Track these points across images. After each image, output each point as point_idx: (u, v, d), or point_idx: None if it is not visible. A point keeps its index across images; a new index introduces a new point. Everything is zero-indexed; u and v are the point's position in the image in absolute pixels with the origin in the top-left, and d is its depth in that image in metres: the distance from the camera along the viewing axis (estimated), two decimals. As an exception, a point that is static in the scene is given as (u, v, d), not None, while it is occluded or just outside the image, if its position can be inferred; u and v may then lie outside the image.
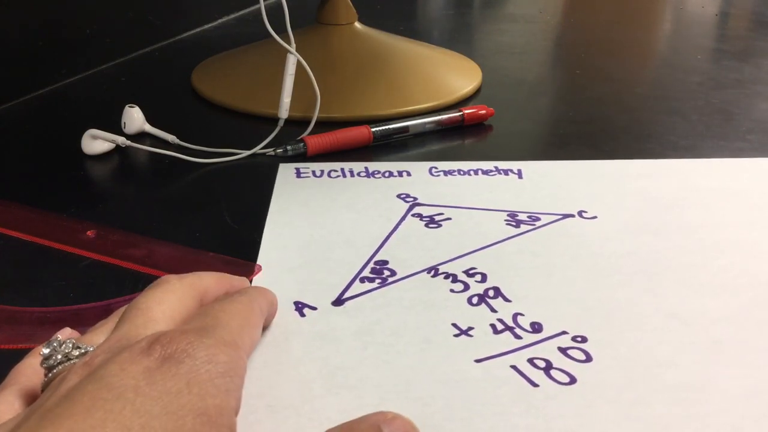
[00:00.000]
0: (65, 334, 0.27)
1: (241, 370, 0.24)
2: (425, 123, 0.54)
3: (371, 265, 0.36)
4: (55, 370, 0.24)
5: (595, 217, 0.41)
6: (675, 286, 0.35)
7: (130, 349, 0.22)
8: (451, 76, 0.64)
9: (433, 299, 0.34)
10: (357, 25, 0.63)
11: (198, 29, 0.82)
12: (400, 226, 0.40)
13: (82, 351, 0.24)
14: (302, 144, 0.49)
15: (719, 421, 0.27)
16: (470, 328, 0.32)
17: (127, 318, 0.25)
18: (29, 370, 0.25)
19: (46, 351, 0.24)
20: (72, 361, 0.24)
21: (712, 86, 0.67)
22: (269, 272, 0.35)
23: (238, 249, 0.38)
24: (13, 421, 0.21)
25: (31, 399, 0.24)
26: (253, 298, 0.28)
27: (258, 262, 0.36)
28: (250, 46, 0.67)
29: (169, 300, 0.26)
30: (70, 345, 0.24)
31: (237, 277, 0.32)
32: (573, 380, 0.29)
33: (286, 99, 0.52)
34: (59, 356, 0.24)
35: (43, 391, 0.24)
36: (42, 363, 0.24)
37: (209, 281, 0.29)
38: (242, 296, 0.28)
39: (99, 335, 0.26)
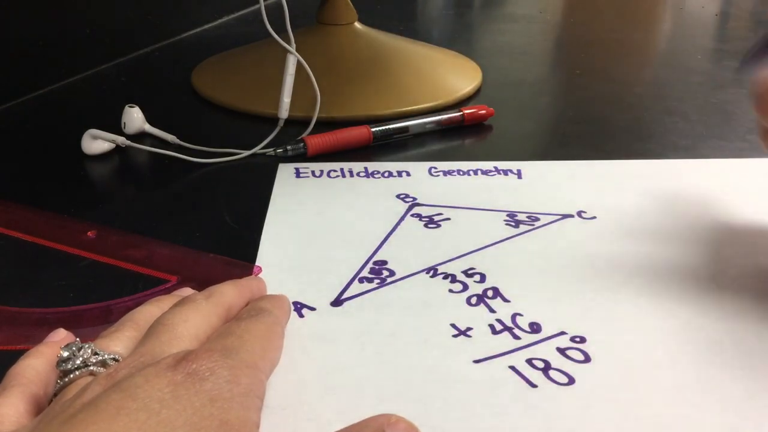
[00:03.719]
0: (59, 335, 0.27)
1: (261, 392, 0.24)
2: (425, 123, 0.54)
3: (370, 265, 0.37)
4: (72, 375, 0.24)
5: (594, 218, 0.41)
6: (674, 286, 0.35)
7: (156, 365, 0.22)
8: (451, 76, 0.64)
9: (431, 299, 0.34)
10: (357, 25, 0.63)
11: (198, 29, 0.82)
12: (399, 227, 0.40)
13: (101, 358, 0.24)
14: (302, 144, 0.49)
15: (718, 421, 0.27)
16: (469, 329, 0.32)
17: (152, 334, 0.25)
18: (30, 372, 0.25)
19: (64, 354, 0.24)
20: (89, 368, 0.24)
21: (712, 86, 0.67)
22: (268, 272, 0.36)
23: (238, 249, 0.38)
24: (27, 428, 0.22)
25: (34, 402, 0.24)
26: (276, 318, 0.29)
27: (257, 263, 0.36)
28: (250, 46, 0.67)
29: (194, 318, 0.26)
30: (89, 351, 0.24)
31: (255, 280, 0.33)
32: (572, 381, 0.29)
33: (286, 99, 0.52)
34: (78, 361, 0.24)
35: (56, 395, 0.24)
36: (58, 365, 0.24)
37: (232, 296, 0.29)
38: (267, 316, 0.28)
39: (115, 342, 0.26)
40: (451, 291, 0.35)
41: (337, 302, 0.34)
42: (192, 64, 0.67)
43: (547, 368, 0.29)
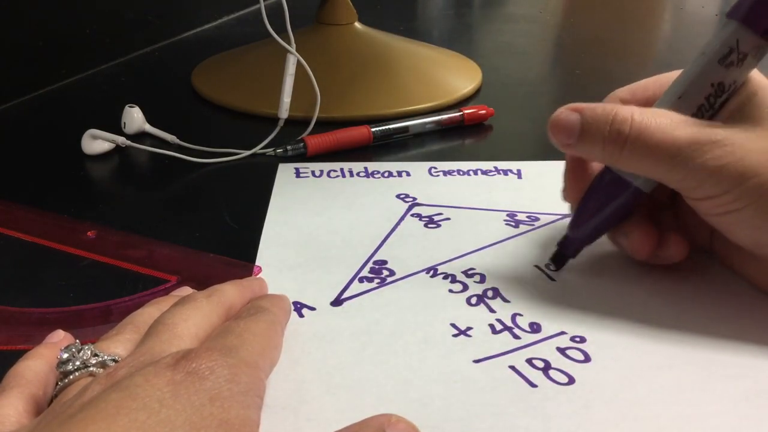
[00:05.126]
0: (58, 336, 0.27)
1: (261, 391, 0.24)
2: (425, 123, 0.54)
3: (370, 264, 0.37)
4: (71, 376, 0.24)
5: (594, 218, 0.41)
6: (674, 285, 0.35)
7: (156, 364, 0.22)
8: (451, 76, 0.64)
9: (431, 299, 0.34)
10: (357, 25, 0.63)
11: (198, 29, 0.82)
12: (399, 226, 0.40)
13: (100, 359, 0.24)
14: (302, 144, 0.49)
15: (718, 421, 0.27)
16: (469, 328, 0.32)
17: (152, 333, 0.25)
18: (29, 373, 0.25)
19: (64, 356, 0.24)
20: (89, 369, 0.24)
21: (712, 86, 0.66)
22: (268, 272, 0.36)
23: (238, 249, 0.38)
24: (27, 428, 0.22)
25: (34, 402, 0.24)
26: (276, 317, 0.29)
27: (257, 263, 0.36)
28: (250, 46, 0.67)
29: (194, 317, 0.26)
30: (89, 352, 0.24)
31: (256, 280, 0.33)
32: (572, 380, 0.29)
33: (286, 99, 0.52)
34: (77, 363, 0.24)
35: (55, 396, 0.24)
36: (58, 367, 0.24)
37: (233, 295, 0.29)
38: (267, 315, 0.28)
39: (115, 344, 0.26)
40: (451, 291, 0.35)
41: (337, 302, 0.34)
42: (192, 64, 0.67)
43: (547, 368, 0.29)
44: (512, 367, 0.29)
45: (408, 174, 0.47)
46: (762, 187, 0.29)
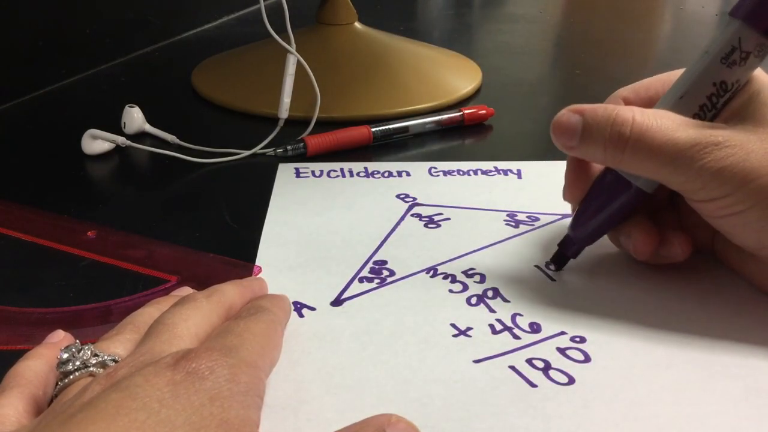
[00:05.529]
0: (58, 336, 0.27)
1: (261, 391, 0.24)
2: (425, 123, 0.54)
3: (370, 265, 0.37)
4: (71, 377, 0.24)
5: (594, 218, 0.41)
6: (674, 284, 0.35)
7: (156, 364, 0.22)
8: (451, 76, 0.64)
9: (431, 299, 0.34)
10: (357, 25, 0.63)
11: (198, 29, 0.82)
12: (399, 226, 0.40)
13: (100, 359, 0.24)
14: (302, 144, 0.49)
15: (718, 421, 0.27)
16: (469, 329, 0.32)
17: (152, 333, 0.26)
18: (29, 373, 0.25)
19: (64, 356, 0.24)
20: (89, 369, 0.24)
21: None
22: (268, 272, 0.36)
23: (238, 249, 0.38)
24: (27, 428, 0.22)
25: (34, 403, 0.24)
26: (276, 316, 0.29)
27: (257, 263, 0.36)
28: (250, 46, 0.67)
29: (194, 317, 0.26)
30: (89, 352, 0.24)
31: (256, 280, 0.33)
32: (572, 380, 0.29)
33: (286, 99, 0.52)
34: (77, 363, 0.24)
35: (55, 396, 0.24)
36: (58, 366, 0.24)
37: (233, 295, 0.29)
38: (267, 315, 0.28)
39: (115, 344, 0.26)
40: (451, 291, 0.35)
41: (337, 302, 0.34)
42: (192, 64, 0.67)
43: (547, 368, 0.29)
44: (512, 367, 0.29)
45: (408, 174, 0.47)
46: (766, 188, 0.29)
